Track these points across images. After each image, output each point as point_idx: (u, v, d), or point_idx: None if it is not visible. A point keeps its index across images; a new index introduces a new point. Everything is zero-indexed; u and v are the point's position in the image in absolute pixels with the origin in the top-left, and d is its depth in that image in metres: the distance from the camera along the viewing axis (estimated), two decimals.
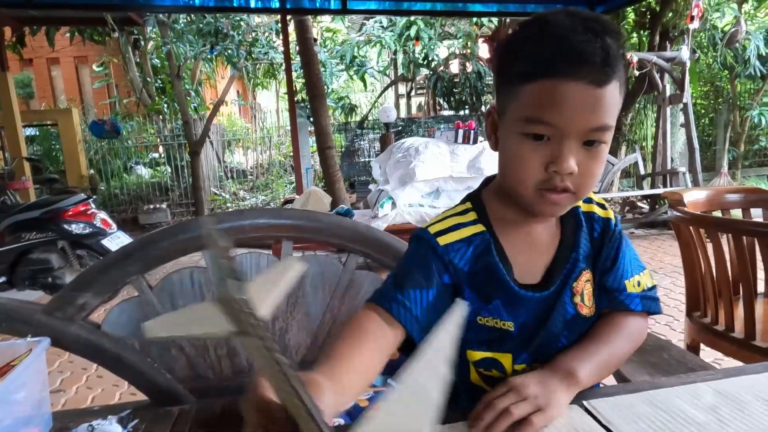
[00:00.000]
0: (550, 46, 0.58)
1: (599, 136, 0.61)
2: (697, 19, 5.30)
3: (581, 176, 0.61)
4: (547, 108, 0.58)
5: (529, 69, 0.60)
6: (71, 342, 1.14)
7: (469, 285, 0.70)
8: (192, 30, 7.72)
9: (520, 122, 0.61)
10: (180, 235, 1.23)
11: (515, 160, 0.63)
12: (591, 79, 0.57)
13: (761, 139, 9.24)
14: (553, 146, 0.60)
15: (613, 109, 0.60)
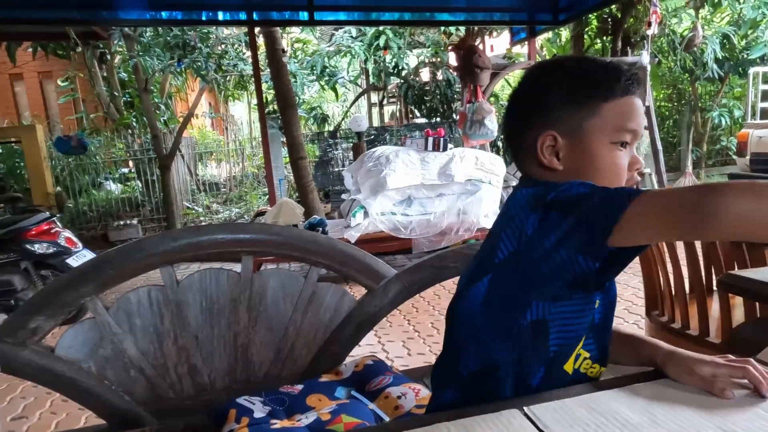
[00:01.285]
0: (618, 72, 0.75)
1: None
2: (655, 25, 5.47)
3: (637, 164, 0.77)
4: (632, 119, 0.74)
5: (612, 88, 0.74)
6: (23, 367, 1.11)
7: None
8: (159, 43, 7.63)
9: (611, 133, 0.74)
10: (136, 254, 1.22)
11: (612, 167, 0.75)
12: (638, 95, 0.76)
13: (722, 139, 9.56)
14: (631, 150, 0.76)
15: None
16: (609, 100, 0.74)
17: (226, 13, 5.24)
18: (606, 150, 0.75)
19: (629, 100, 0.74)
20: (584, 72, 0.77)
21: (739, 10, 7.67)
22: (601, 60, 0.79)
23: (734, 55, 8.24)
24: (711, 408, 0.61)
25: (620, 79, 0.74)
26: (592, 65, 0.78)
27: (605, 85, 0.74)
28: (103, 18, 5.22)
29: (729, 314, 1.39)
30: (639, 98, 0.76)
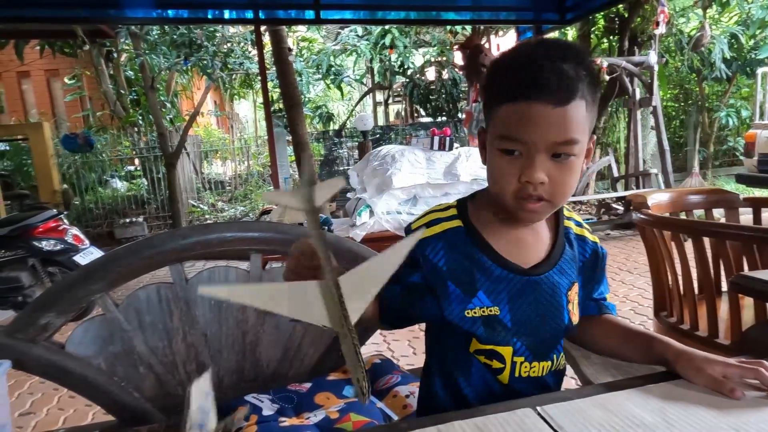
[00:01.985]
0: (516, 74, 0.68)
1: (566, 149, 0.68)
2: (663, 25, 5.44)
3: (553, 186, 0.69)
4: (517, 127, 0.67)
5: (501, 93, 0.69)
6: (34, 363, 1.12)
7: (453, 280, 0.75)
8: (165, 41, 7.64)
9: (497, 139, 0.70)
10: (146, 251, 1.22)
11: (496, 172, 0.71)
12: (550, 100, 0.65)
13: (729, 140, 9.50)
14: (524, 160, 0.68)
15: (578, 125, 0.67)
16: (503, 104, 0.69)
17: (233, 12, 5.24)
18: (494, 155, 0.71)
19: (520, 107, 0.66)
20: (499, 68, 0.72)
21: (748, 10, 7.62)
22: (524, 56, 0.69)
23: (742, 55, 8.18)
24: (725, 408, 0.60)
25: (517, 80, 0.67)
26: (511, 61, 0.71)
27: (503, 86, 0.70)
28: (110, 16, 5.23)
29: (739, 315, 1.38)
30: (545, 104, 0.65)
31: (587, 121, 0.69)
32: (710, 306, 1.45)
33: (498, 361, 0.77)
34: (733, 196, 1.83)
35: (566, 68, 0.66)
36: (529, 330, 0.76)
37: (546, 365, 0.79)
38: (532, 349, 0.77)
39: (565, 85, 0.65)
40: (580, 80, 0.66)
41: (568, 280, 0.79)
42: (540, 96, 0.65)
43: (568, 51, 0.68)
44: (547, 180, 0.68)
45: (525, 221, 0.76)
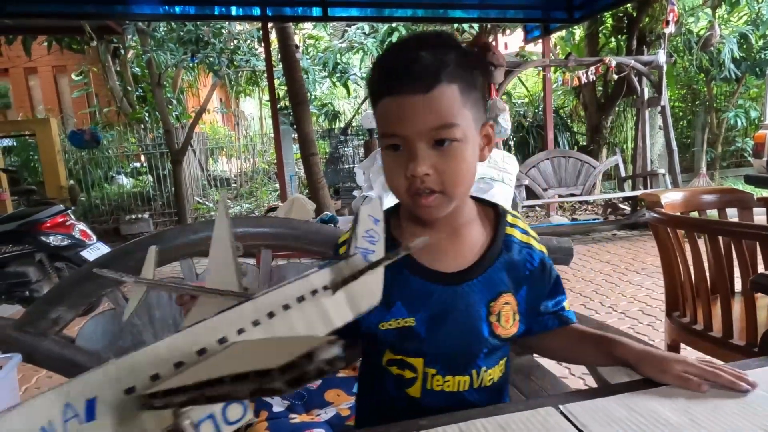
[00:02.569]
0: (381, 71, 0.69)
1: (444, 134, 0.66)
2: (672, 24, 5.40)
3: (441, 176, 0.66)
4: (390, 122, 0.67)
5: (372, 93, 0.70)
6: (44, 357, 1.12)
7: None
8: (172, 38, 7.64)
9: (381, 139, 0.70)
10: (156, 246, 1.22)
11: (386, 172, 0.70)
12: (412, 89, 0.64)
13: (737, 141, 9.43)
14: (406, 154, 0.67)
15: (450, 109, 0.65)
16: (377, 103, 0.69)
17: (240, 8, 5.24)
18: (383, 154, 0.70)
19: (389, 102, 0.66)
20: (372, 70, 0.72)
21: (758, 10, 7.55)
22: (388, 53, 0.70)
23: (751, 55, 8.11)
24: (752, 408, 0.59)
25: (382, 76, 0.68)
26: (378, 60, 0.71)
27: (374, 86, 0.70)
28: (118, 12, 5.24)
29: (754, 316, 1.36)
30: (409, 95, 0.64)
31: (465, 105, 0.67)
32: (725, 306, 1.43)
33: (410, 370, 0.75)
34: (747, 196, 1.81)
35: (424, 55, 0.65)
36: (443, 342, 0.73)
37: (463, 380, 0.75)
38: (445, 361, 0.74)
39: (424, 72, 0.64)
40: (444, 65, 0.65)
41: (495, 290, 0.75)
42: (402, 88, 0.65)
43: (428, 39, 0.68)
44: (431, 171, 0.66)
45: (424, 218, 0.72)
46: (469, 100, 0.68)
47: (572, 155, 5.98)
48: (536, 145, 8.09)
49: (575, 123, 9.31)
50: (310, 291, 0.39)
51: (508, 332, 0.76)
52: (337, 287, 0.39)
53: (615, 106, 7.53)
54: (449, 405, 0.73)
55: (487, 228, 0.79)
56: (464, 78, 0.67)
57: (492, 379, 0.77)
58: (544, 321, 0.82)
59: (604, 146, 7.52)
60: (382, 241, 0.48)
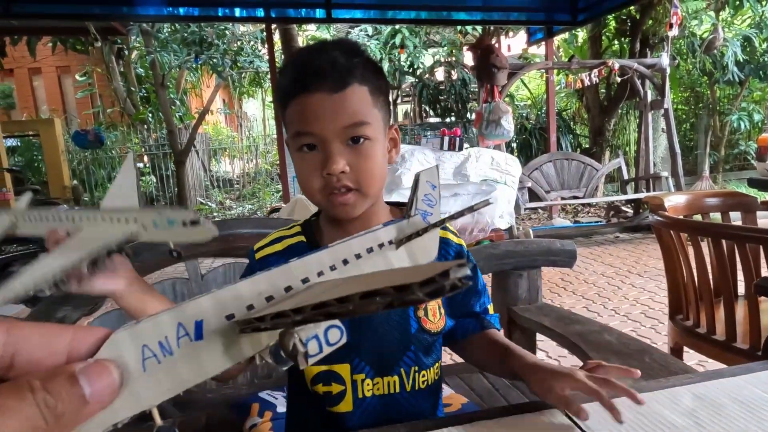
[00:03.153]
0: (293, 71, 0.69)
1: (358, 132, 0.67)
2: (675, 27, 5.41)
3: (356, 173, 0.67)
4: (304, 120, 0.67)
5: (283, 94, 0.70)
6: None
7: None
8: (176, 39, 7.68)
9: (293, 139, 0.69)
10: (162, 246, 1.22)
11: (299, 174, 0.70)
12: (328, 88, 0.66)
13: (740, 143, 9.42)
14: (321, 154, 0.67)
15: (362, 108, 0.67)
16: (289, 103, 0.68)
17: (244, 10, 5.26)
18: (295, 157, 0.70)
19: (302, 100, 0.66)
20: (282, 72, 0.73)
21: (761, 13, 7.55)
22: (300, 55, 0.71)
23: (755, 58, 8.11)
24: (757, 412, 0.59)
25: (295, 76, 0.68)
26: (290, 62, 0.72)
27: (286, 86, 0.69)
28: (123, 13, 5.27)
29: (758, 319, 1.36)
30: (323, 93, 0.65)
31: (375, 106, 0.69)
32: (728, 309, 1.43)
33: (337, 383, 0.73)
34: (750, 200, 1.81)
35: (338, 56, 0.67)
36: (369, 343, 0.72)
37: (393, 380, 0.73)
38: (372, 363, 0.72)
39: (338, 71, 0.66)
40: (354, 67, 0.67)
41: None
42: (317, 85, 0.65)
43: (339, 44, 0.70)
44: (348, 169, 0.67)
45: (341, 217, 0.71)
46: (378, 102, 0.70)
47: (575, 158, 5.98)
48: (539, 147, 8.10)
49: (578, 125, 9.31)
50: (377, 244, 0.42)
51: (437, 326, 0.76)
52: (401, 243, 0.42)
53: (618, 109, 7.52)
54: (385, 413, 0.72)
55: None
56: (373, 81, 0.69)
57: (426, 382, 0.76)
58: (465, 324, 0.81)
59: (606, 149, 7.52)
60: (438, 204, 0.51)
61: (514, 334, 1.51)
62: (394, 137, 0.75)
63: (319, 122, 0.66)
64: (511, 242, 1.47)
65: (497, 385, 1.30)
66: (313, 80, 0.66)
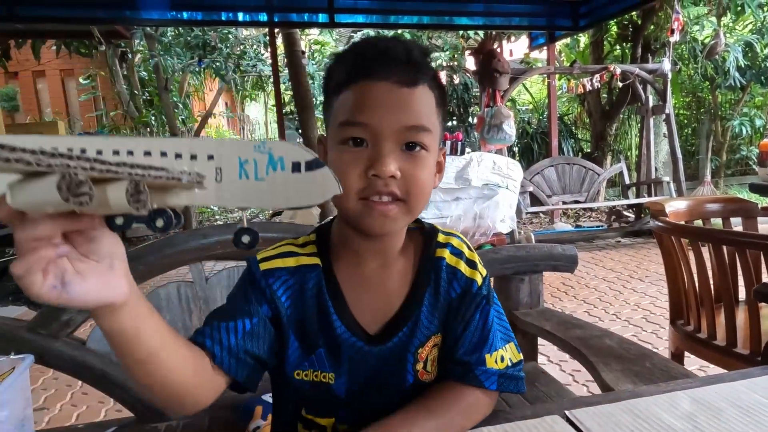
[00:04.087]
0: (357, 55, 0.61)
1: (417, 137, 0.59)
2: (677, 32, 5.42)
3: (406, 182, 0.58)
4: (360, 109, 0.57)
5: (341, 79, 0.60)
6: (55, 359, 1.13)
7: (294, 329, 0.65)
8: (180, 43, 7.72)
9: (338, 130, 0.59)
10: (166, 249, 1.23)
11: (338, 168, 0.57)
12: (397, 79, 0.58)
13: (742, 149, 9.42)
14: (371, 150, 0.57)
15: (427, 113, 0.60)
16: (342, 90, 0.60)
17: (247, 14, 5.29)
18: (335, 153, 0.60)
19: (364, 86, 0.58)
20: (339, 60, 0.64)
21: (763, 18, 7.57)
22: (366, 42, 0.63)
23: (756, 64, 8.11)
24: (756, 417, 0.60)
25: (360, 60, 0.60)
26: (352, 49, 0.64)
27: (342, 73, 0.61)
28: (126, 17, 5.30)
29: (758, 324, 1.37)
30: (392, 83, 0.57)
31: (438, 117, 0.62)
32: (729, 315, 1.44)
33: (317, 430, 0.69)
34: (751, 205, 1.82)
35: (414, 48, 0.60)
36: (361, 399, 0.66)
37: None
38: (358, 416, 0.65)
39: (413, 63, 0.59)
40: (428, 67, 0.61)
41: (423, 336, 0.66)
42: (386, 73, 0.58)
43: (412, 41, 0.64)
44: (399, 174, 0.57)
45: (374, 231, 0.60)
46: (440, 115, 0.63)
47: (576, 162, 5.99)
48: (540, 151, 8.11)
49: (580, 130, 9.32)
50: None
51: (432, 376, 0.68)
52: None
53: (619, 114, 7.53)
54: None
55: (412, 254, 0.69)
56: (440, 92, 0.63)
57: None
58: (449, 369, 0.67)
59: (608, 153, 7.52)
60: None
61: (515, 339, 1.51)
62: (441, 161, 0.66)
63: (378, 114, 0.57)
64: (512, 247, 1.48)
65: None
66: (382, 66, 0.58)
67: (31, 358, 1.01)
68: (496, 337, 0.67)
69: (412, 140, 0.59)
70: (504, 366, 0.66)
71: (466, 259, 0.69)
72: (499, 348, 0.67)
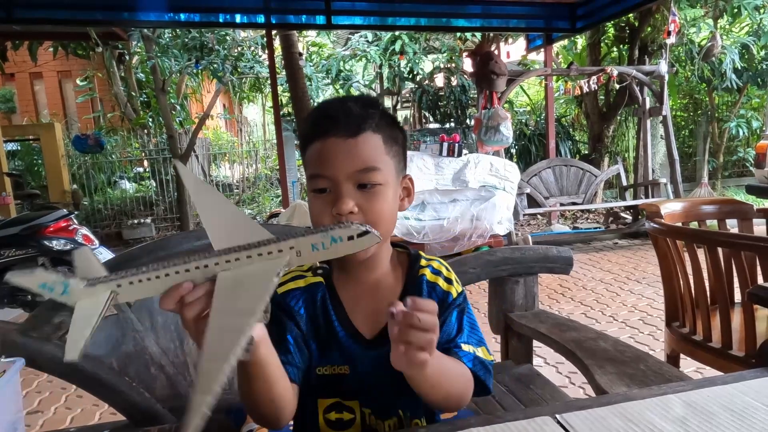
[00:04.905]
0: (313, 118, 0.75)
1: (368, 177, 0.70)
2: (674, 34, 5.43)
3: (365, 215, 0.69)
4: (319, 162, 0.71)
5: (303, 138, 0.75)
6: (47, 362, 1.12)
7: (312, 335, 0.78)
8: (177, 44, 7.71)
9: (309, 182, 0.73)
10: (160, 251, 1.23)
11: (313, 214, 0.73)
12: (341, 134, 0.70)
13: (739, 150, 9.44)
14: (333, 195, 0.70)
15: (374, 155, 0.71)
16: (307, 147, 0.74)
17: (244, 16, 5.29)
18: (310, 198, 0.74)
19: (318, 144, 0.71)
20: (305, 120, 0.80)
21: (759, 20, 7.59)
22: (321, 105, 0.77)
23: (753, 66, 8.14)
24: (748, 419, 0.60)
25: (314, 122, 0.73)
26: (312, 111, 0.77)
27: (305, 131, 0.74)
28: (124, 19, 5.30)
29: (753, 327, 1.37)
30: (337, 138, 0.69)
31: (388, 154, 0.73)
32: (724, 317, 1.44)
33: (348, 412, 0.78)
34: (746, 207, 1.82)
35: (352, 106, 0.72)
36: (372, 392, 0.77)
37: (391, 422, 0.78)
38: (374, 408, 0.78)
39: (353, 119, 0.71)
40: (369, 117, 0.72)
41: None
42: (331, 131, 0.70)
43: (358, 97, 0.78)
44: (356, 210, 0.69)
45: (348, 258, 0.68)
46: (392, 151, 0.73)
47: (574, 164, 6.00)
48: (538, 153, 8.11)
49: (577, 132, 9.33)
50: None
51: None
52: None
53: (617, 116, 7.55)
54: None
55: (400, 273, 0.81)
56: (387, 131, 0.73)
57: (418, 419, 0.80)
58: None
59: (605, 155, 7.53)
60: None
61: (511, 341, 1.51)
62: (408, 186, 0.78)
63: (332, 165, 0.69)
64: (507, 249, 1.47)
65: (493, 392, 1.30)
66: (328, 126, 0.70)
67: (22, 362, 1.00)
68: (470, 337, 0.78)
69: (364, 181, 0.70)
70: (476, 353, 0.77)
71: (444, 277, 0.81)
72: (471, 343, 0.77)
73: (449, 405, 0.75)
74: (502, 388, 1.31)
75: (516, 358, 1.48)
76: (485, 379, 0.75)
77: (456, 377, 0.71)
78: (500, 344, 1.54)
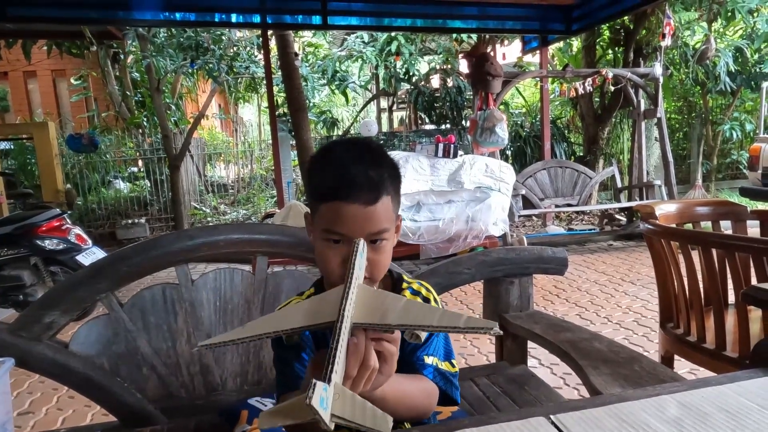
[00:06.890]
0: (331, 176, 0.78)
1: (379, 236, 0.79)
2: (668, 37, 5.46)
3: (372, 266, 0.77)
4: (336, 222, 0.77)
5: (319, 193, 0.79)
6: (37, 362, 1.11)
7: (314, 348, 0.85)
8: (172, 44, 7.67)
9: (322, 231, 0.79)
10: (152, 251, 1.22)
11: (321, 258, 0.80)
12: (362, 201, 0.76)
13: (733, 153, 9.49)
14: (346, 248, 0.76)
15: (386, 217, 0.79)
16: (323, 202, 0.79)
17: (240, 16, 5.27)
18: (320, 243, 0.80)
19: (337, 206, 0.76)
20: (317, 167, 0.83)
21: (753, 24, 7.63)
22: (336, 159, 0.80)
23: (747, 69, 8.19)
24: (742, 420, 0.59)
25: (332, 183, 0.78)
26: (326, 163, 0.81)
27: (321, 186, 0.79)
28: (119, 18, 5.26)
29: (747, 327, 1.37)
30: (358, 205, 0.75)
31: (393, 210, 0.81)
32: (718, 318, 1.44)
33: None
34: (740, 209, 1.83)
35: (372, 173, 0.77)
36: None
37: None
38: None
39: (372, 187, 0.77)
40: (384, 180, 0.78)
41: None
42: (352, 198, 0.75)
43: (376, 155, 0.81)
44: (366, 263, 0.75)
45: None
46: (395, 201, 0.81)
47: (569, 165, 6.01)
48: (533, 155, 8.13)
49: (572, 133, 9.36)
50: None
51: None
52: None
53: (612, 118, 7.57)
54: None
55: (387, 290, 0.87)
56: (394, 187, 0.81)
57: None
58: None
59: (600, 157, 7.55)
60: None
61: (505, 342, 1.51)
62: (398, 225, 0.86)
63: (351, 228, 0.76)
64: (502, 249, 1.47)
65: (488, 393, 1.30)
66: (349, 193, 0.76)
67: (12, 362, 0.99)
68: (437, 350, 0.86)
69: (375, 239, 0.78)
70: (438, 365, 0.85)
71: (422, 296, 0.91)
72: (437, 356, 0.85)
73: (413, 418, 0.81)
74: (497, 389, 1.31)
75: (511, 359, 1.48)
76: (446, 389, 0.83)
77: (416, 394, 0.78)
78: (495, 345, 1.54)
